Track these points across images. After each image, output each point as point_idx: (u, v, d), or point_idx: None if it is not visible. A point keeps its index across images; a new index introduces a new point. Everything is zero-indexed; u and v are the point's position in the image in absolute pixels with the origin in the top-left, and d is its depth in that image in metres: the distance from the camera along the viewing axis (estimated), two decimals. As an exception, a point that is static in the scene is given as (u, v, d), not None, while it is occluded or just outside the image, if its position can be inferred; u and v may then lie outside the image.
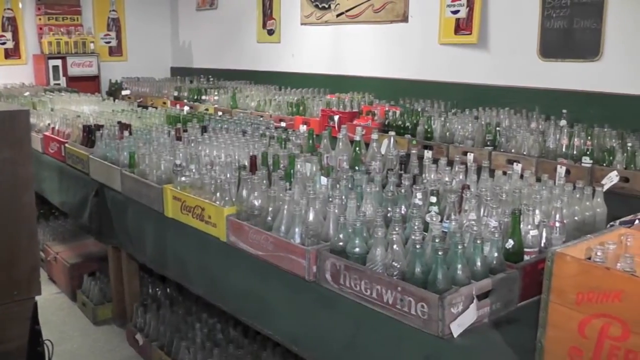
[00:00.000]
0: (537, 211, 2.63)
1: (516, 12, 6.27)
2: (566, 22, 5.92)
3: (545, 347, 1.85)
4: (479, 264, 2.26)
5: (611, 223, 2.54)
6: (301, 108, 6.81)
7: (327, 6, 8.37)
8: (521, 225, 2.50)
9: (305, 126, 5.37)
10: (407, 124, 5.51)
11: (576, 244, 1.93)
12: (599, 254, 1.82)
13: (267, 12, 9.45)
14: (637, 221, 2.40)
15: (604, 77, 5.64)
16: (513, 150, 4.64)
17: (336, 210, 2.68)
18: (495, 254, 2.33)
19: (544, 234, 2.56)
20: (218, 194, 3.27)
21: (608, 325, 1.69)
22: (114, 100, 7.70)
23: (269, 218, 2.90)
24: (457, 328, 2.07)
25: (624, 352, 1.67)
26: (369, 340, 2.33)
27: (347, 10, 8.08)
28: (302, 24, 8.84)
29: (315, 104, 6.77)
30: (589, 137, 4.37)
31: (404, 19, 7.37)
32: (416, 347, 2.15)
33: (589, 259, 1.84)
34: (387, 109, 5.96)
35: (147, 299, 4.87)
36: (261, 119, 6.02)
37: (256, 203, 2.99)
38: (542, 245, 2.54)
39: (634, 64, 5.45)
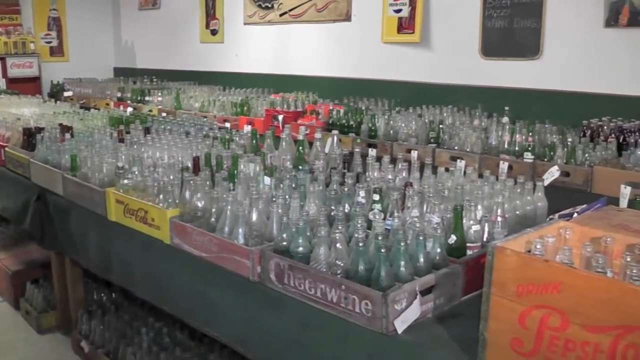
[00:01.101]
0: (479, 206, 2.66)
1: (458, 12, 6.36)
2: (507, 21, 6.05)
3: (488, 339, 1.87)
4: (422, 260, 2.27)
5: (551, 216, 2.60)
6: (245, 108, 6.77)
7: (270, 6, 8.36)
8: (463, 221, 2.53)
9: (249, 126, 5.35)
10: (351, 122, 5.52)
11: (516, 237, 1.96)
12: (538, 247, 1.85)
13: (210, 12, 9.40)
14: (575, 214, 2.46)
15: (545, 74, 5.78)
16: (456, 147, 4.69)
17: (279, 210, 2.67)
18: (438, 250, 2.35)
19: (486, 229, 2.59)
20: (161, 196, 3.23)
21: (548, 316, 1.72)
22: (56, 102, 7.53)
23: (213, 219, 2.88)
24: (401, 324, 2.08)
25: (563, 341, 1.70)
26: (315, 339, 2.33)
27: (290, 10, 8.09)
28: (245, 23, 8.82)
29: (259, 104, 6.74)
30: (531, 133, 4.44)
31: (347, 18, 7.41)
32: (361, 344, 2.16)
33: (529, 252, 1.88)
34: (331, 107, 5.97)
35: (92, 305, 4.79)
36: (204, 119, 5.98)
37: (199, 204, 2.97)
38: (485, 239, 2.57)
39: (572, 62, 5.61)
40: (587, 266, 1.84)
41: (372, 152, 4.41)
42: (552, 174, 3.95)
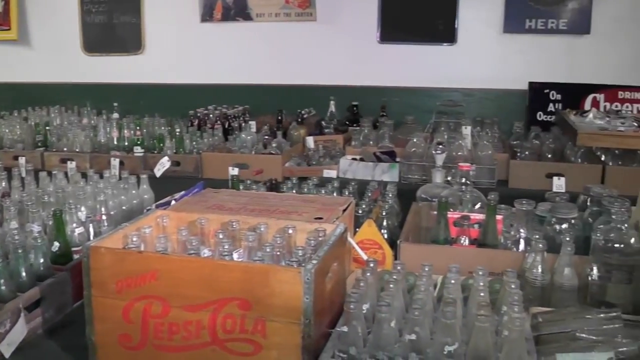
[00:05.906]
0: (82, 208, 2.62)
1: (56, 7, 6.21)
2: (106, 17, 6.09)
3: (96, 342, 1.86)
4: (24, 274, 2.16)
5: (148, 207, 2.66)
6: None
7: None
8: (67, 225, 2.47)
9: None
10: (-49, 134, 5.02)
11: (112, 234, 1.96)
12: (134, 239, 1.89)
13: None
14: (173, 201, 2.55)
15: (149, 68, 5.96)
16: (65, 149, 4.55)
17: None
18: (42, 260, 2.25)
19: (92, 230, 2.56)
20: None
21: (149, 305, 1.77)
22: None
23: None
24: (7, 348, 1.95)
25: (167, 326, 1.77)
26: None
27: None
28: None
29: None
30: (139, 127, 4.49)
31: None
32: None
33: (127, 246, 1.90)
34: None
35: None
36: None
37: None
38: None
39: (174, 56, 5.89)
40: (184, 250, 1.93)
41: (-22, 164, 4.07)
42: (163, 164, 4.08)
